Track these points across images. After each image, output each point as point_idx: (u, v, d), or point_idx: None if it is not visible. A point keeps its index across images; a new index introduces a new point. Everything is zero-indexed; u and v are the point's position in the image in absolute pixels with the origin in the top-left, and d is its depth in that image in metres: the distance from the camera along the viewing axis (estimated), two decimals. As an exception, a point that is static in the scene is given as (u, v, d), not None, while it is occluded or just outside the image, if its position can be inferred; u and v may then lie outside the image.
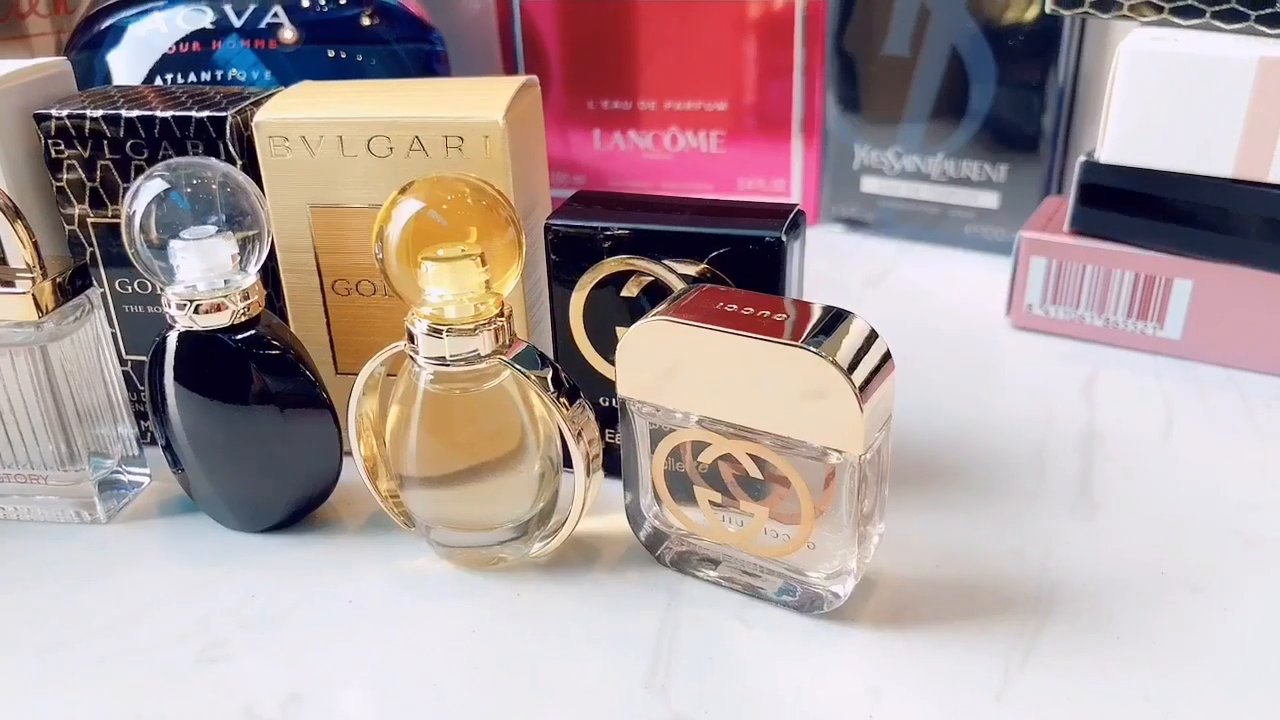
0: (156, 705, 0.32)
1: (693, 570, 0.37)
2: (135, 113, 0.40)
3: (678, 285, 0.38)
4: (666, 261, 0.38)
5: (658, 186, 0.71)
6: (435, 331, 0.34)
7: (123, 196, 0.41)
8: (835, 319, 0.33)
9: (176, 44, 0.58)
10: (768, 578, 0.36)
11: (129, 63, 0.58)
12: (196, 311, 0.36)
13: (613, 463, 0.39)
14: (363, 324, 0.42)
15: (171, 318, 0.37)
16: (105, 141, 0.40)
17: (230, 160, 0.40)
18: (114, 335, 0.44)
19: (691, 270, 0.38)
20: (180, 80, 0.57)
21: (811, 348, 0.31)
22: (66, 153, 0.41)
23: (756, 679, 0.33)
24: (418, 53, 0.62)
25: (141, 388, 0.45)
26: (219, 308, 0.37)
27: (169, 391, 0.38)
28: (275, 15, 0.58)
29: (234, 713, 0.32)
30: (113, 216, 0.41)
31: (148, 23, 0.59)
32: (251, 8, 0.58)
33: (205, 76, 0.58)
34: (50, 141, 0.41)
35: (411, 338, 0.35)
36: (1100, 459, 0.43)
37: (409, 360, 0.36)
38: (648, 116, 0.69)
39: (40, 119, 0.40)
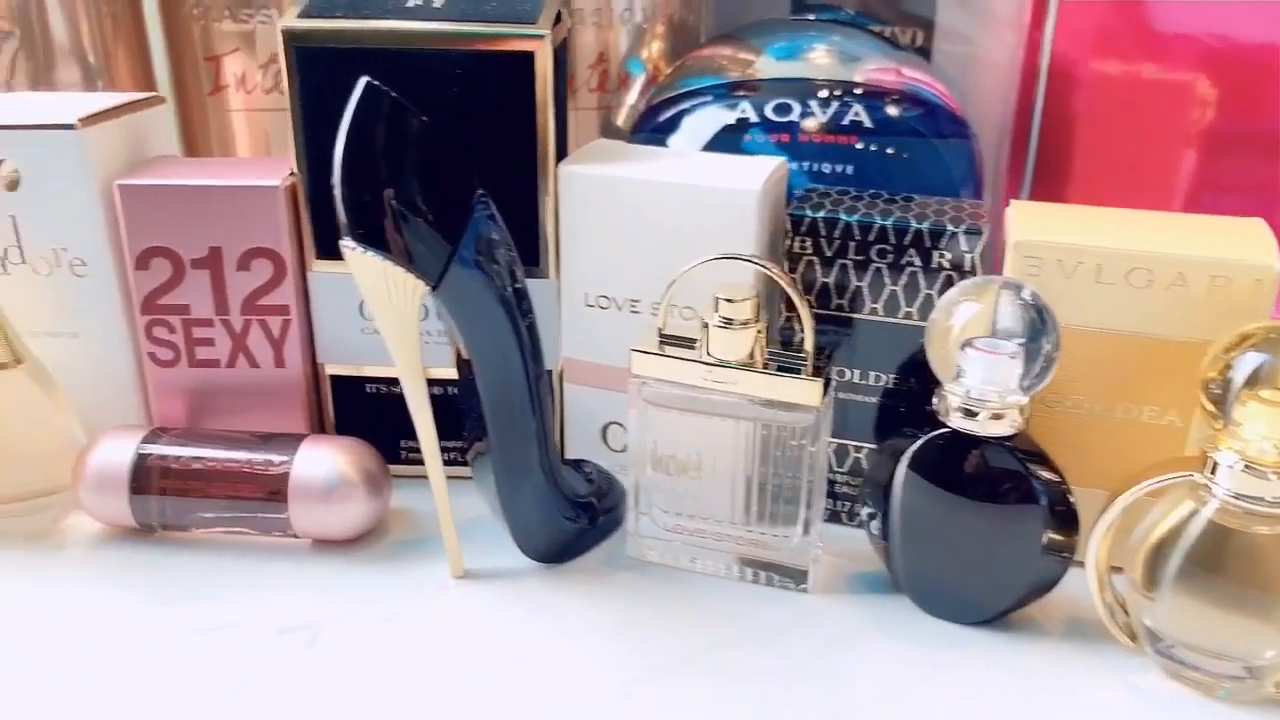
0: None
1: None
2: (890, 220, 0.43)
3: None
4: None
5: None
6: (1253, 469, 0.36)
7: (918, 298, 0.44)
8: None
9: (715, 135, 0.62)
10: None
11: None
12: (982, 417, 0.39)
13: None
14: (1056, 435, 0.44)
15: (945, 414, 0.40)
16: (851, 243, 0.44)
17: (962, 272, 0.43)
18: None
19: None
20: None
21: None
22: (809, 249, 0.45)
23: None
24: (960, 149, 0.62)
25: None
26: (999, 417, 0.39)
27: (900, 480, 0.41)
28: (849, 107, 0.60)
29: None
30: (835, 309, 0.45)
31: (698, 115, 0.63)
32: (785, 104, 0.60)
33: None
34: (798, 238, 0.45)
35: (1214, 468, 0.37)
36: None
37: (1198, 487, 0.37)
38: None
39: (794, 218, 0.44)
